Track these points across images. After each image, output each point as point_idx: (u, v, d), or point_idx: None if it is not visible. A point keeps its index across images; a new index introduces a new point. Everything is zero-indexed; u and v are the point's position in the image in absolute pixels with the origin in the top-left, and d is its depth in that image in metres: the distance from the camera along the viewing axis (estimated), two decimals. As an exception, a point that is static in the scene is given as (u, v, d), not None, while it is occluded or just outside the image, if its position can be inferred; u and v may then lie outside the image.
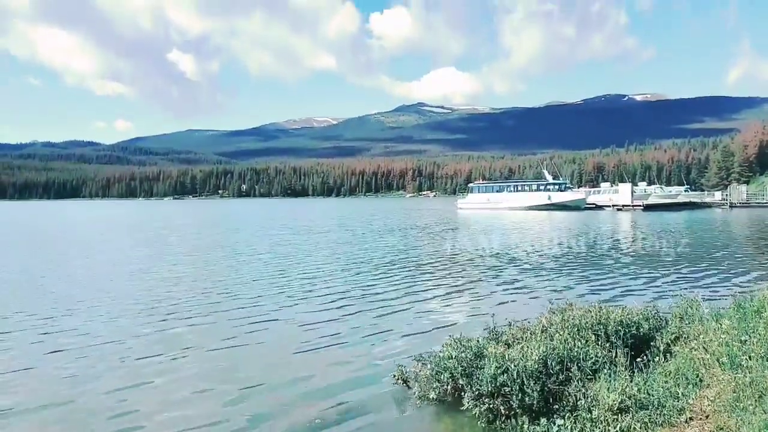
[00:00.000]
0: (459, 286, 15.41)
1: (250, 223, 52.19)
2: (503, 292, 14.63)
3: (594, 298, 13.53)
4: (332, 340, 9.61)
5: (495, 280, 16.54)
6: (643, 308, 8.02)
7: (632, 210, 65.20)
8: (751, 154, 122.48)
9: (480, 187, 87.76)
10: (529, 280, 16.39)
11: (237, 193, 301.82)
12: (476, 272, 18.13)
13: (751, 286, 14.83)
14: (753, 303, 7.79)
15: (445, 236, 33.38)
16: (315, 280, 16.47)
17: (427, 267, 19.49)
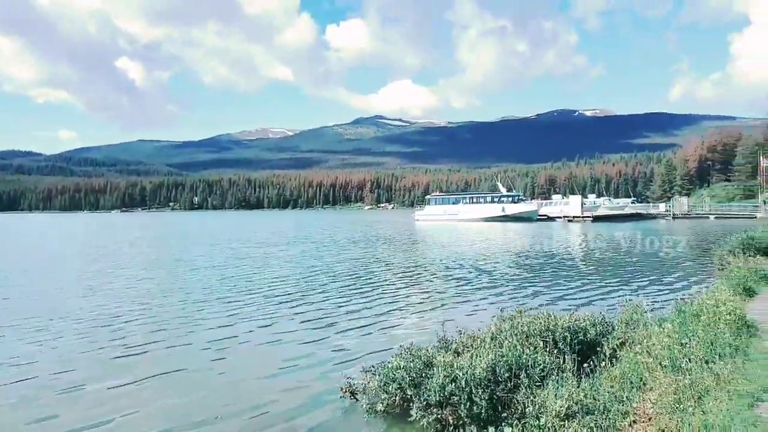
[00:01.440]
0: (415, 297, 15.37)
1: (205, 237, 50.96)
2: (458, 301, 14.67)
3: (545, 305, 13.72)
4: (283, 355, 9.36)
5: (450, 290, 16.58)
6: (590, 315, 8.14)
7: (582, 221, 67.15)
8: (691, 168, 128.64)
9: (437, 199, 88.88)
10: (483, 290, 16.51)
11: (189, 206, 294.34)
12: (432, 283, 18.15)
13: (692, 291, 15.37)
14: (692, 307, 8.03)
15: (402, 248, 33.40)
16: (269, 295, 16.12)
17: (383, 279, 19.38)
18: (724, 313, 7.42)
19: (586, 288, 16.78)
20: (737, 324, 7.26)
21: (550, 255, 27.60)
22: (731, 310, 7.54)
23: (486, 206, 77.11)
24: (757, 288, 11.01)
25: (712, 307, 8.00)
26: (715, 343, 6.53)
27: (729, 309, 7.65)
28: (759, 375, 5.52)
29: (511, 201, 75.62)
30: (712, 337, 6.67)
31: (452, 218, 77.91)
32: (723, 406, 4.91)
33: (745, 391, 5.12)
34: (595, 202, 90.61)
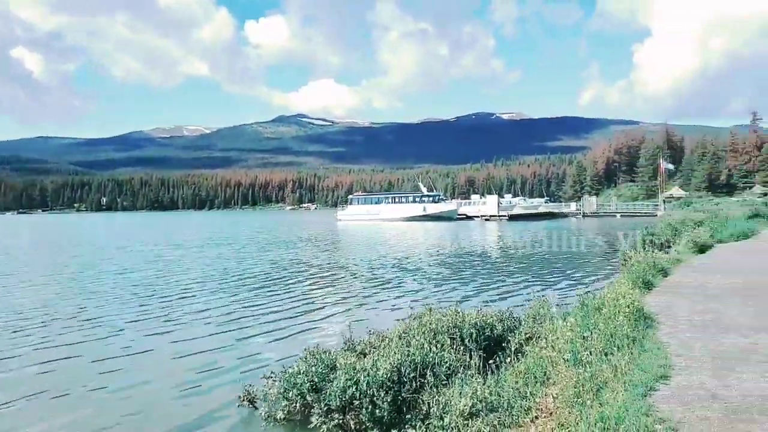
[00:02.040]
0: (332, 299, 15.05)
1: (113, 239, 47.97)
2: (376, 301, 14.51)
3: (461, 302, 13.83)
4: (184, 365, 8.75)
5: (369, 290, 16.41)
6: (498, 311, 8.17)
7: (498, 220, 69.56)
8: (600, 170, 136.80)
9: (359, 199, 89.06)
10: (401, 289, 16.47)
11: (96, 207, 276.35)
12: (351, 284, 17.89)
13: (598, 286, 16.09)
14: (594, 301, 8.26)
15: (323, 249, 32.94)
16: (176, 301, 15.24)
17: (301, 281, 18.91)
18: (623, 306, 7.66)
19: (500, 284, 17.16)
20: (635, 316, 7.50)
21: (467, 253, 28.17)
22: (629, 303, 7.79)
23: (407, 206, 78.25)
24: (654, 281, 11.59)
25: (612, 300, 8.26)
26: (615, 336, 6.69)
27: (627, 302, 7.92)
28: (652, 365, 5.67)
29: (431, 201, 77.17)
30: (612, 329, 6.83)
31: (374, 218, 78.35)
32: (619, 397, 4.97)
33: (640, 382, 5.23)
34: (511, 201, 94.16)
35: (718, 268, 13.09)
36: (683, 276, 12.24)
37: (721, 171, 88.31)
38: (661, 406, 4.69)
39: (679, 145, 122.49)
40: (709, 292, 10.18)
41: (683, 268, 13.45)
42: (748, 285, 10.67)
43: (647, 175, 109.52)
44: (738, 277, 11.61)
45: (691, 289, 10.62)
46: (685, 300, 9.40)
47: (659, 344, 6.59)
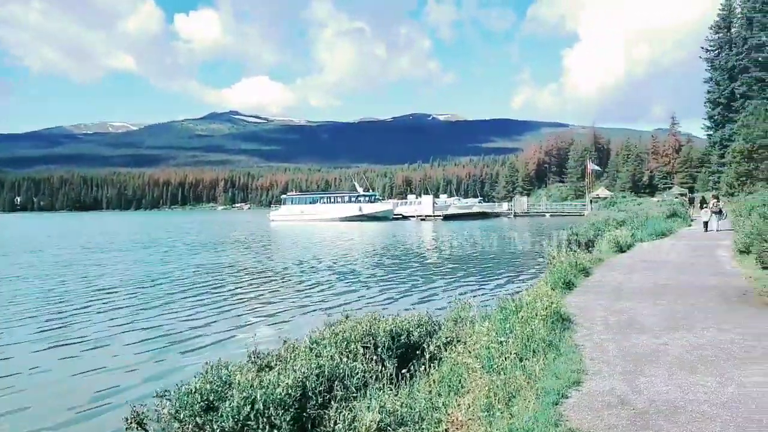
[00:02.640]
0: (256, 305, 14.45)
1: (26, 242, 44.76)
2: (302, 306, 14.03)
3: (390, 304, 13.57)
4: (75, 384, 7.97)
5: (296, 294, 15.92)
6: (417, 314, 7.91)
7: (434, 220, 70.34)
8: (531, 170, 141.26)
9: (293, 199, 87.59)
10: (330, 292, 16.06)
11: (10, 207, 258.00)
12: (278, 288, 17.31)
13: (524, 285, 16.29)
14: (513, 304, 8.16)
15: (254, 251, 31.96)
16: (79, 311, 14.15)
17: (224, 287, 18.11)
18: (540, 309, 7.59)
19: (431, 285, 17.06)
20: (552, 318, 7.45)
21: (401, 254, 28.08)
22: (548, 305, 7.73)
23: (343, 206, 77.74)
24: (576, 281, 11.75)
25: (531, 302, 8.19)
26: (531, 340, 6.57)
27: (546, 304, 7.86)
28: (566, 370, 5.55)
29: (367, 201, 76.98)
30: (529, 333, 6.71)
31: (309, 218, 77.37)
32: (530, 406, 4.79)
33: (552, 389, 5.08)
34: (446, 201, 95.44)
35: (636, 267, 13.49)
36: (603, 275, 12.51)
37: (643, 172, 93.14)
38: (571, 415, 4.54)
39: (606, 148, 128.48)
40: (626, 291, 10.39)
41: (604, 268, 13.78)
42: (661, 284, 10.98)
43: (576, 176, 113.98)
44: (653, 276, 11.96)
45: (610, 288, 10.82)
46: (603, 300, 9.52)
47: (574, 347, 6.52)
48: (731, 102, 58.77)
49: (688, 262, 13.96)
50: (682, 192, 66.56)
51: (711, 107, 62.25)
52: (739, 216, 23.19)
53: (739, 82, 57.18)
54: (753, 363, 5.63)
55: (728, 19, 60.92)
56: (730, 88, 58.71)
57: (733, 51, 58.57)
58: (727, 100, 59.34)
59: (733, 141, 51.53)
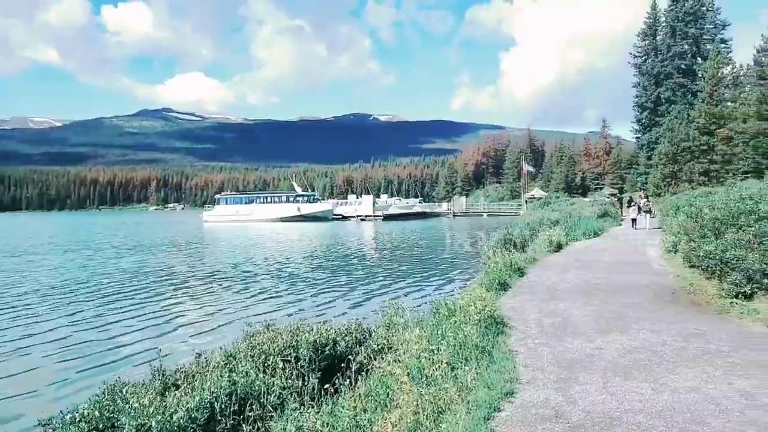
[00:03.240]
0: (176, 314, 13.52)
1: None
2: (224, 315, 13.25)
3: (322, 312, 13.02)
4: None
5: (222, 302, 15.08)
6: (345, 322, 7.43)
7: (374, 220, 70.07)
8: (469, 171, 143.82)
9: (228, 199, 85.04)
10: (260, 297, 15.33)
11: None
12: (202, 295, 16.38)
13: (462, 285, 16.14)
14: (445, 308, 7.82)
15: (183, 253, 30.53)
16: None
17: (144, 293, 17.00)
18: (473, 313, 7.27)
19: (367, 288, 16.63)
20: (486, 323, 7.15)
21: (339, 256, 27.53)
22: (481, 308, 7.43)
23: (281, 206, 76.12)
24: (511, 281, 11.60)
25: (465, 306, 7.88)
26: (464, 346, 6.22)
27: (479, 308, 7.56)
28: (499, 380, 5.21)
29: (306, 201, 75.73)
30: (461, 339, 6.36)
31: (245, 219, 75.43)
32: (460, 422, 4.42)
33: (484, 401, 4.72)
34: (387, 201, 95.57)
35: (570, 266, 13.57)
36: (538, 275, 12.47)
37: (576, 174, 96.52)
38: (503, 431, 4.19)
39: (540, 149, 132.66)
40: (561, 291, 10.31)
41: (539, 267, 13.78)
42: (594, 283, 10.99)
43: (512, 176, 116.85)
44: (587, 275, 12.01)
45: (544, 288, 10.73)
46: (537, 300, 9.37)
47: (508, 353, 6.22)
48: (657, 106, 61.82)
49: (619, 261, 14.18)
50: (613, 192, 69.41)
51: (639, 111, 65.24)
52: (666, 215, 24.11)
53: (664, 87, 60.28)
54: (685, 366, 5.50)
55: (654, 27, 64.02)
56: (656, 93, 61.71)
57: (659, 57, 61.53)
58: (653, 105, 62.34)
59: (659, 143, 54.10)
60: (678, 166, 44.00)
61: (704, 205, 11.08)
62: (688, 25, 58.23)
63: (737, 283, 7.66)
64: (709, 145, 40.64)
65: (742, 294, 7.63)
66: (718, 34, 57.53)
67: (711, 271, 8.98)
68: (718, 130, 39.76)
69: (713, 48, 54.69)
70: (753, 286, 7.53)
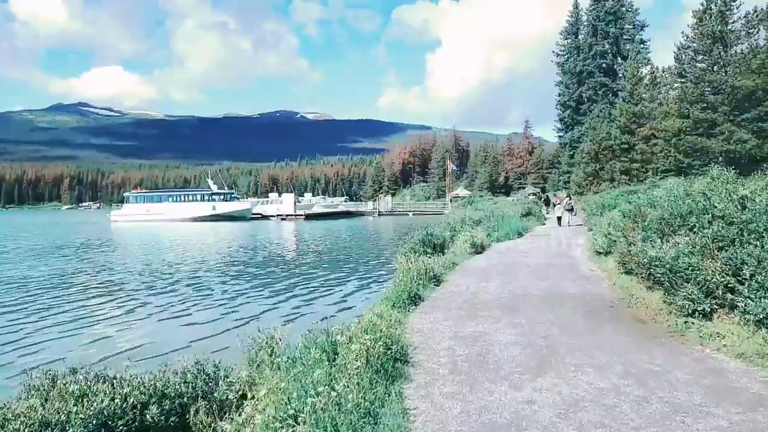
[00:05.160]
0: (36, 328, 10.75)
1: None
2: (97, 335, 10.62)
3: (197, 332, 10.72)
4: None
5: (101, 318, 12.36)
6: (195, 362, 5.26)
7: (295, 219, 67.11)
8: (396, 170, 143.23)
9: (138, 197, 79.34)
10: (114, 316, 12.74)
11: None
12: (81, 309, 13.56)
13: (372, 296, 14.26)
14: (328, 339, 5.80)
15: (77, 257, 26.89)
16: None
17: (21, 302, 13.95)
18: (366, 345, 5.32)
19: (265, 300, 14.42)
20: (379, 362, 5.21)
21: (244, 259, 25.02)
22: (374, 339, 5.49)
23: (194, 205, 71.70)
24: (424, 292, 9.81)
25: (356, 333, 5.92)
26: (340, 408, 4.23)
27: (375, 336, 5.63)
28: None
29: (222, 199, 71.54)
30: (339, 395, 4.37)
31: (155, 218, 70.51)
32: None
33: None
34: (310, 200, 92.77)
35: (492, 272, 12.00)
36: (456, 283, 10.77)
37: (500, 173, 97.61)
38: None
39: (465, 149, 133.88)
40: (480, 305, 8.61)
41: (458, 273, 12.13)
42: (520, 294, 9.39)
43: (438, 175, 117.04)
44: (511, 283, 10.42)
45: (462, 301, 9.01)
46: (452, 320, 7.58)
47: (403, 417, 4.30)
48: (579, 105, 62.70)
49: (545, 264, 12.79)
50: (535, 192, 70.28)
51: (561, 110, 66.04)
52: (592, 214, 23.36)
53: (586, 86, 61.28)
54: (651, 433, 3.79)
55: (576, 26, 65.03)
56: (578, 92, 62.61)
57: (581, 56, 62.30)
58: (575, 103, 63.21)
59: (581, 142, 54.77)
60: (600, 164, 44.38)
61: (645, 202, 9.71)
62: (609, 24, 59.45)
63: (693, 298, 6.14)
64: (630, 144, 41.09)
65: (700, 312, 6.12)
66: (637, 34, 58.92)
67: (654, 281, 7.50)
68: (639, 129, 40.25)
69: (633, 48, 56.10)
70: (712, 302, 6.04)
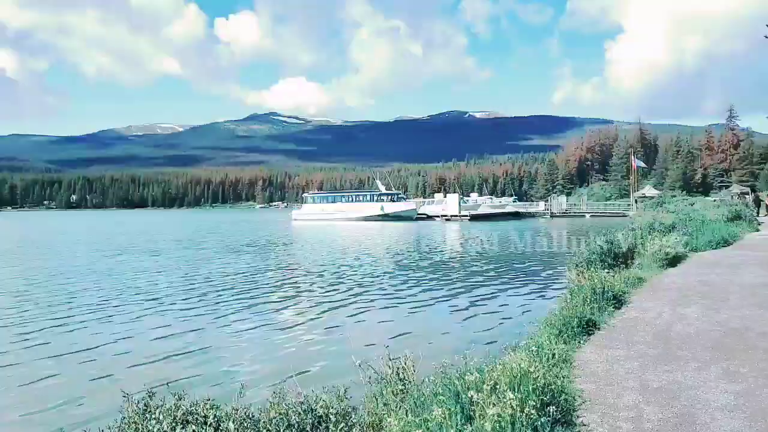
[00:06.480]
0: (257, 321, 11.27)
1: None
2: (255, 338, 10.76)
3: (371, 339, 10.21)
4: None
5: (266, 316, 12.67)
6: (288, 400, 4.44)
7: (460, 220, 66.28)
8: (572, 168, 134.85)
9: (314, 198, 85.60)
10: (306, 314, 12.78)
11: (66, 205, 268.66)
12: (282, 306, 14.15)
13: (538, 314, 12.59)
14: (466, 382, 4.55)
15: (270, 252, 29.42)
16: None
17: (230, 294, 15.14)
18: (519, 393, 3.99)
19: (411, 307, 13.58)
20: (535, 416, 3.86)
21: (410, 261, 24.63)
22: (524, 396, 4.14)
23: (364, 205, 75.12)
24: (601, 318, 7.93)
25: (511, 374, 4.60)
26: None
27: (523, 396, 4.25)
28: None
29: (390, 200, 74.03)
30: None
31: (330, 217, 75.03)
32: None
33: None
34: (476, 200, 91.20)
35: (691, 293, 9.60)
36: (643, 307, 8.69)
37: (696, 170, 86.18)
38: None
39: (653, 144, 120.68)
40: (677, 341, 6.65)
41: (645, 293, 9.92)
42: (734, 328, 7.15)
43: (620, 173, 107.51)
44: (719, 312, 8.10)
45: (651, 334, 7.07)
46: (637, 361, 5.84)
47: None
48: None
49: (766, 286, 9.99)
50: (743, 191, 60.43)
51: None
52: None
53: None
54: None
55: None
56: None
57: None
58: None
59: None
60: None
61: None
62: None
63: None
64: None
65: None
66: None
67: None
68: None
69: None
70: None
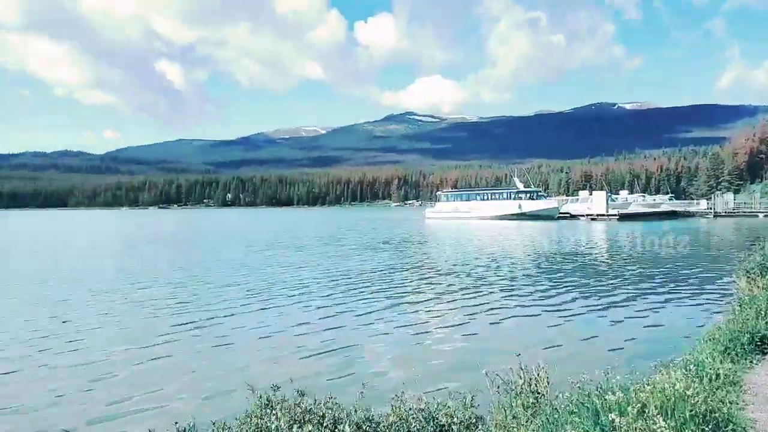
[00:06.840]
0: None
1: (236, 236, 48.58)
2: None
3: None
4: None
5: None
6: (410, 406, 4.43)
7: (607, 219, 61.56)
8: (741, 162, 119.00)
9: (448, 196, 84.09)
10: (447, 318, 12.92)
11: (222, 203, 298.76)
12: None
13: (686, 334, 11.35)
14: (607, 399, 4.18)
15: (405, 251, 30.23)
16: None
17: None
18: (667, 428, 3.62)
19: (549, 313, 12.97)
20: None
21: (541, 266, 23.64)
22: (679, 425, 3.74)
23: (500, 203, 71.37)
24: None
25: (661, 394, 4.19)
26: None
27: (678, 425, 3.84)
28: None
29: (528, 197, 69.48)
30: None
31: (464, 216, 72.94)
32: None
33: None
34: (626, 198, 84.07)
35: None
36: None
37: None
38: None
39: None
40: None
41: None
42: None
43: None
44: None
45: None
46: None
47: None
48: None
49: None
50: None
51: None
52: None
53: None
54: None
55: None
56: None
57: None
58: None
59: None
60: None
61: None
62: None
63: None
64: None
65: None
66: None
67: None
68: None
69: None
70: None
